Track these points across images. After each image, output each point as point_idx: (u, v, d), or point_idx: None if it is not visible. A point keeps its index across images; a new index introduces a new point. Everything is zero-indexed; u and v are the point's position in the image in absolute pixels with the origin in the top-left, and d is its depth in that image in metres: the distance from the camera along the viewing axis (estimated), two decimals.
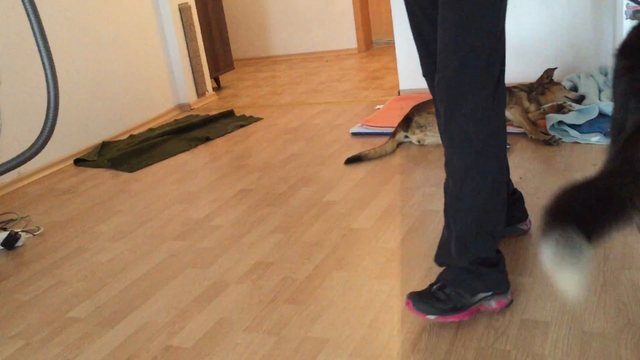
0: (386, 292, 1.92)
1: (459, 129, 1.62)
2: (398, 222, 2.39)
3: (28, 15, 2.52)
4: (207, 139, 3.94)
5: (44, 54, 2.59)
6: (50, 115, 2.71)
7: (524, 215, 2.11)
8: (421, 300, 1.69)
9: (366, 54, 6.32)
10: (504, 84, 1.68)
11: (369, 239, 2.29)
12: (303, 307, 1.91)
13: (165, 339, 1.85)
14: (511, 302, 1.73)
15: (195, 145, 3.87)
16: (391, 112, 3.80)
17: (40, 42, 2.57)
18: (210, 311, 1.96)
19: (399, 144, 3.26)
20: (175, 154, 3.75)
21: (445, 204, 1.73)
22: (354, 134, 3.61)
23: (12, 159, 2.84)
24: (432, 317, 1.67)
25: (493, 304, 1.71)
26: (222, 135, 4.01)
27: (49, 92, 2.74)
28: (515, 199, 2.08)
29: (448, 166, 1.71)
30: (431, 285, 1.74)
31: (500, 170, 1.69)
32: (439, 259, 1.78)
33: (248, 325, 1.86)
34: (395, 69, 4.47)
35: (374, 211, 2.52)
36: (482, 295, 1.69)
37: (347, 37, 6.45)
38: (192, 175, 3.33)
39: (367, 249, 2.22)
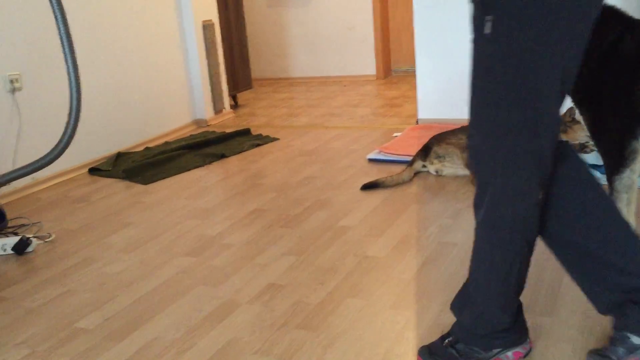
0: (401, 323, 1.88)
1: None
2: (414, 252, 2.36)
3: (57, 23, 2.53)
4: (223, 156, 3.93)
5: (69, 63, 2.59)
6: (71, 124, 2.70)
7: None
8: (432, 357, 1.63)
9: (384, 81, 6.32)
10: (533, 188, 1.44)
11: (385, 268, 2.25)
12: (315, 333, 1.87)
13: (173, 356, 1.82)
14: (529, 350, 1.65)
15: (210, 162, 3.86)
16: (409, 140, 3.79)
17: (67, 51, 2.58)
18: (220, 331, 1.93)
19: (416, 173, 3.23)
20: (190, 169, 3.74)
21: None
22: (371, 160, 3.59)
23: (29, 164, 2.82)
24: None
25: (509, 355, 1.62)
26: (238, 153, 4.00)
27: (71, 102, 2.74)
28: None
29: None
30: (443, 337, 1.67)
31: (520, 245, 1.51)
32: (455, 308, 1.68)
33: (258, 348, 1.82)
34: (414, 97, 4.47)
35: (390, 240, 2.49)
36: (497, 350, 1.61)
37: (366, 63, 6.47)
38: (206, 191, 3.32)
39: (383, 277, 2.18)
